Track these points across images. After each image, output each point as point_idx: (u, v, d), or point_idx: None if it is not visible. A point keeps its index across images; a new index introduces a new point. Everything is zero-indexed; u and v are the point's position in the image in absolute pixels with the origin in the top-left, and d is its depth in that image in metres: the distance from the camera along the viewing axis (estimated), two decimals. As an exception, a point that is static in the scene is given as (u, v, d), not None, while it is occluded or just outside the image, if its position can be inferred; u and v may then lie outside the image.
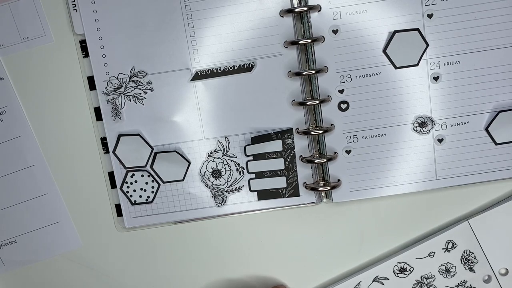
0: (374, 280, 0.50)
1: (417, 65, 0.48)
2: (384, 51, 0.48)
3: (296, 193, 0.50)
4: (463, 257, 0.49)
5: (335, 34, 0.47)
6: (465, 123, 0.48)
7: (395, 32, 0.47)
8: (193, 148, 0.50)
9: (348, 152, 0.49)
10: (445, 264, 0.49)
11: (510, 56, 0.47)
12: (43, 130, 0.51)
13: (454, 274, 0.50)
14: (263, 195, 0.50)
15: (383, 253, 0.51)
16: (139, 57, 0.49)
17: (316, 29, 0.47)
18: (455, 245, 0.49)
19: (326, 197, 0.51)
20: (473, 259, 0.49)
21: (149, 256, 0.53)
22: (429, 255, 0.49)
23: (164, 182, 0.51)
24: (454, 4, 0.47)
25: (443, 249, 0.49)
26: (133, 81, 0.49)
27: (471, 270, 0.49)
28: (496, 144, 0.49)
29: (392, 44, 0.47)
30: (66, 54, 0.50)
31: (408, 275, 0.50)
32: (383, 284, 0.50)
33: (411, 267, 0.50)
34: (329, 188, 0.49)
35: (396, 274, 0.50)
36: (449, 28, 0.47)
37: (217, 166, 0.50)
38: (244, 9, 0.48)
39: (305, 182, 0.50)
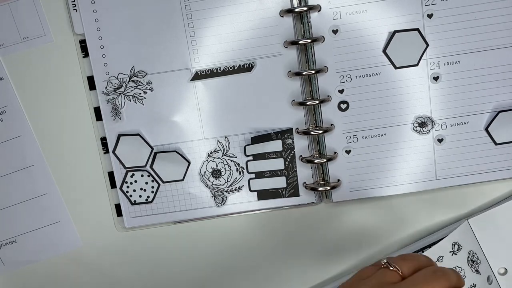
0: None
1: (417, 65, 0.48)
2: (384, 51, 0.48)
3: (296, 193, 0.50)
4: (469, 258, 0.49)
5: (335, 34, 0.47)
6: (465, 123, 0.48)
7: (395, 32, 0.47)
8: (193, 148, 0.50)
9: (348, 152, 0.49)
10: (454, 268, 0.49)
11: (510, 56, 0.47)
12: (43, 130, 0.51)
13: (464, 278, 0.48)
14: (263, 195, 0.50)
15: (383, 253, 0.51)
16: (139, 57, 0.49)
17: (316, 29, 0.47)
18: (460, 247, 0.49)
19: (326, 197, 0.51)
20: (476, 259, 0.49)
21: (149, 256, 0.53)
22: (438, 260, 0.49)
23: (164, 182, 0.51)
24: (454, 4, 0.47)
25: (450, 252, 0.49)
26: (133, 81, 0.49)
27: (477, 272, 0.49)
28: (496, 144, 0.49)
29: (392, 44, 0.47)
30: (66, 54, 0.50)
31: None
32: None
33: None
34: (329, 188, 0.49)
35: None
36: (449, 28, 0.47)
37: (217, 166, 0.50)
38: (244, 9, 0.48)
39: (305, 182, 0.50)
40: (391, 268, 0.37)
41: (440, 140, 0.49)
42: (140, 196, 0.51)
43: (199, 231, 0.52)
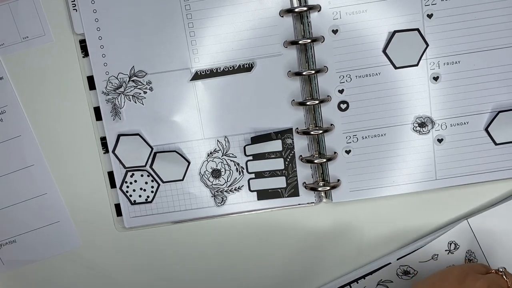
0: (378, 284, 0.50)
1: (417, 65, 0.48)
2: (384, 51, 0.48)
3: (295, 193, 0.50)
4: (466, 258, 0.49)
5: (335, 34, 0.47)
6: (465, 123, 0.48)
7: (395, 32, 0.47)
8: (192, 148, 0.50)
9: (347, 152, 0.49)
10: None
11: (510, 56, 0.47)
12: (43, 130, 0.51)
13: None
14: (262, 195, 0.50)
15: (383, 253, 0.51)
16: (139, 57, 0.49)
17: (316, 29, 0.47)
18: (457, 246, 0.49)
19: (326, 197, 0.51)
20: (473, 259, 0.49)
21: (148, 256, 0.53)
22: (432, 258, 0.49)
23: (163, 182, 0.51)
24: (454, 4, 0.47)
25: (446, 250, 0.49)
26: (132, 80, 0.49)
27: None
28: (495, 144, 0.49)
29: (392, 44, 0.47)
30: (66, 54, 0.50)
31: (412, 277, 0.49)
32: (387, 287, 0.50)
33: (414, 270, 0.49)
34: (328, 188, 0.49)
35: (399, 277, 0.50)
36: (449, 28, 0.47)
37: (216, 166, 0.50)
38: (243, 9, 0.48)
39: (304, 182, 0.50)
40: (504, 278, 0.43)
41: (440, 140, 0.49)
42: (140, 196, 0.51)
43: (199, 231, 0.52)
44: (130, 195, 0.51)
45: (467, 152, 0.49)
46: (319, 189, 0.49)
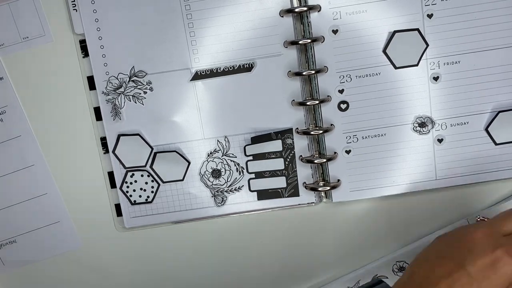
0: (373, 279, 0.50)
1: (417, 65, 0.48)
2: (384, 51, 0.48)
3: (295, 193, 0.50)
4: None
5: (335, 34, 0.47)
6: (465, 123, 0.48)
7: (395, 32, 0.47)
8: (192, 148, 0.50)
9: (348, 152, 0.49)
10: None
11: (510, 56, 0.47)
12: (43, 130, 0.51)
13: None
14: (262, 195, 0.50)
15: (383, 253, 0.51)
16: (139, 57, 0.49)
17: (316, 29, 0.47)
18: None
19: (326, 197, 0.51)
20: None
21: (148, 256, 0.53)
22: None
23: (163, 182, 0.51)
24: (454, 4, 0.47)
25: None
26: (133, 81, 0.49)
27: None
28: (496, 144, 0.49)
29: (392, 44, 0.47)
30: (66, 54, 0.50)
31: None
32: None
33: None
34: (328, 188, 0.49)
35: (395, 273, 0.50)
36: (449, 28, 0.47)
37: (216, 166, 0.50)
38: (244, 9, 0.48)
39: (304, 182, 0.50)
40: None
41: (440, 140, 0.49)
42: (140, 196, 0.51)
43: (199, 231, 0.52)
44: (130, 195, 0.51)
45: (467, 152, 0.49)
46: (319, 189, 0.49)
